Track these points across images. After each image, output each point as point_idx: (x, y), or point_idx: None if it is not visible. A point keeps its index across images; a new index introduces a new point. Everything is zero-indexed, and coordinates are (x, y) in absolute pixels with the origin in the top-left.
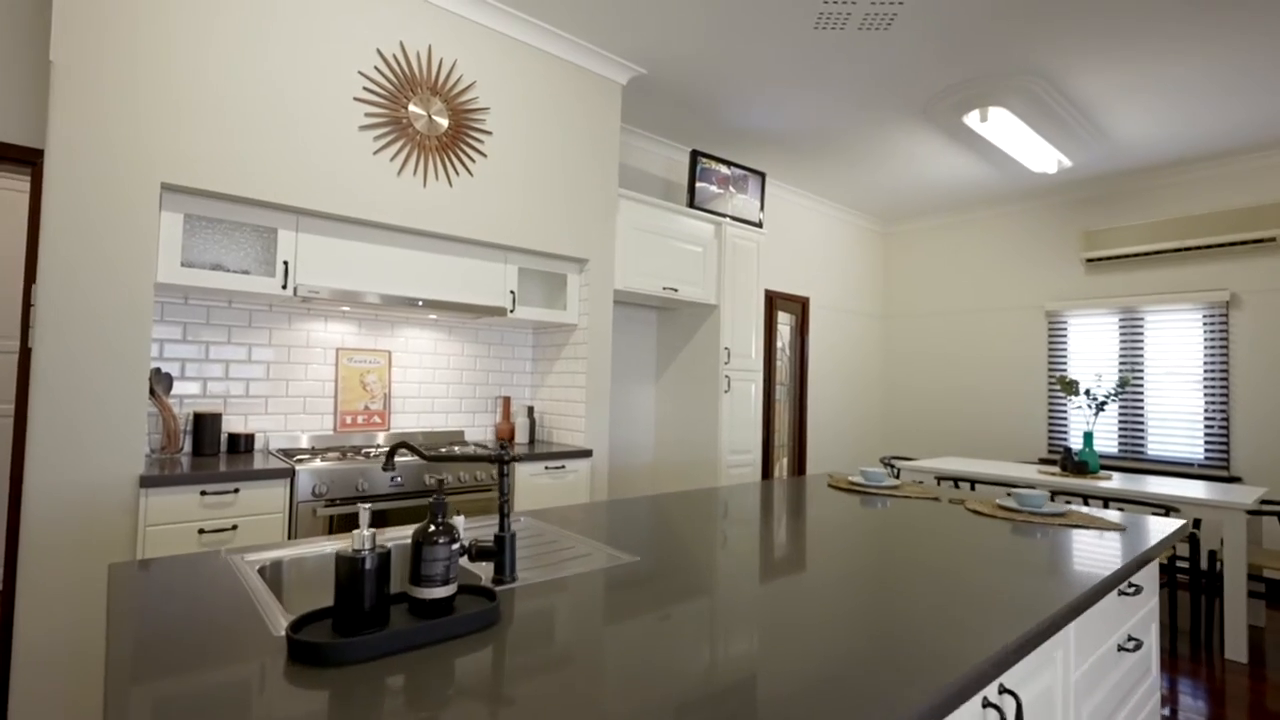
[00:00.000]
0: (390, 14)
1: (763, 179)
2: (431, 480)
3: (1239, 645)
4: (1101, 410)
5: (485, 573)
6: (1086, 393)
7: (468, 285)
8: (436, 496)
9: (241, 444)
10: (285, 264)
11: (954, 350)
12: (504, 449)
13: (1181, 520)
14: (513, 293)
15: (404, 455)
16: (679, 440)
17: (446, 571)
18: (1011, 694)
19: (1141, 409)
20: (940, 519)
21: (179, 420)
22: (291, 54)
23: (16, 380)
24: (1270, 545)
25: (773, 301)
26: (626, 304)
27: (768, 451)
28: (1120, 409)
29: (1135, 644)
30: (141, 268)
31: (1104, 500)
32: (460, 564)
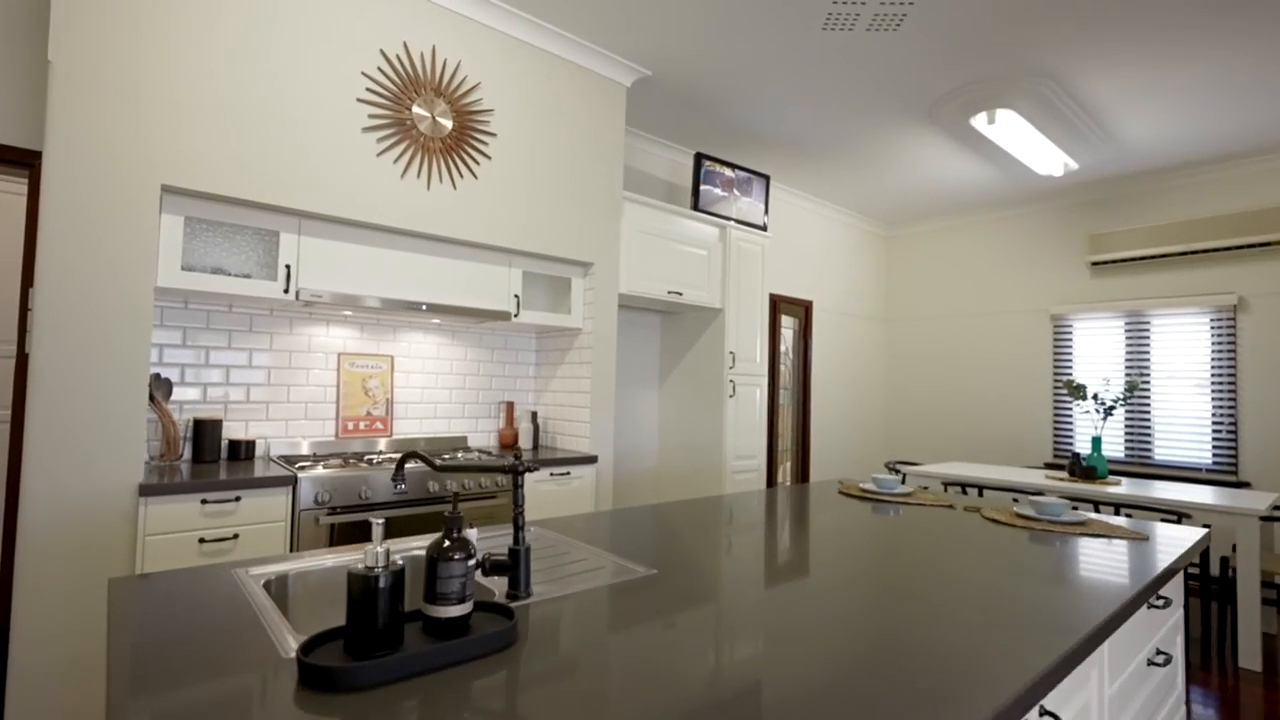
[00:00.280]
0: (393, 14)
1: (767, 181)
2: (436, 488)
3: (1253, 653)
4: (1110, 415)
5: (497, 586)
6: (1094, 397)
7: (471, 289)
8: (452, 510)
9: (242, 451)
10: (287, 267)
11: (958, 354)
12: (517, 458)
13: (1203, 529)
14: (517, 296)
15: (413, 463)
16: (683, 445)
17: (463, 589)
18: (1053, 715)
19: (1148, 413)
20: (957, 527)
21: (179, 427)
22: (293, 54)
23: (13, 386)
24: None
25: (777, 305)
26: (630, 308)
27: (772, 457)
28: (1127, 413)
29: (1165, 658)
30: (141, 271)
31: (1115, 506)
32: None
